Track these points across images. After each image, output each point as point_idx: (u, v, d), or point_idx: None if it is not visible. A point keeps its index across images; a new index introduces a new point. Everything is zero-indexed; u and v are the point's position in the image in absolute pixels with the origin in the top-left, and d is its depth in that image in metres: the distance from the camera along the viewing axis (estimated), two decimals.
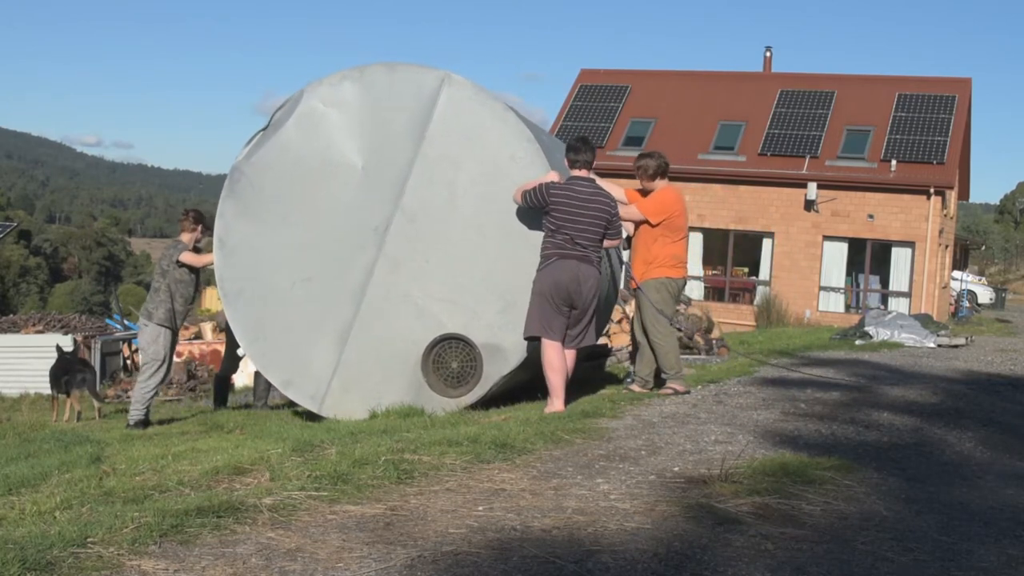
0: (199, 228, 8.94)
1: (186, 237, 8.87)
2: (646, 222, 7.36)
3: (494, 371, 7.11)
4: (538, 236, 6.89)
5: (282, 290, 7.52)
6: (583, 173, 6.80)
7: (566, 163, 6.92)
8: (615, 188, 7.75)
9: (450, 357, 7.18)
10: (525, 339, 6.84)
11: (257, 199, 7.67)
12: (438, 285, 7.20)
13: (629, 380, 7.99)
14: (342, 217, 7.43)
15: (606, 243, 6.85)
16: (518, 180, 7.06)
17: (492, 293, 7.12)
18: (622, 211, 7.19)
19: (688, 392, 7.29)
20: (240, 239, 7.68)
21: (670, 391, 7.23)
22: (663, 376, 7.43)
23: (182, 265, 8.76)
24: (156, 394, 9.27)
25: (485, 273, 7.15)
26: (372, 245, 7.34)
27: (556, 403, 6.57)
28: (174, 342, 9.03)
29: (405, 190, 7.32)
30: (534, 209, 6.77)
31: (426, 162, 7.33)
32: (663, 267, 7.35)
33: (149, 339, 8.79)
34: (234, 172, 7.79)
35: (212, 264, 8.00)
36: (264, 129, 7.78)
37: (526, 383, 7.84)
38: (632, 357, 8.06)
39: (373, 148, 7.45)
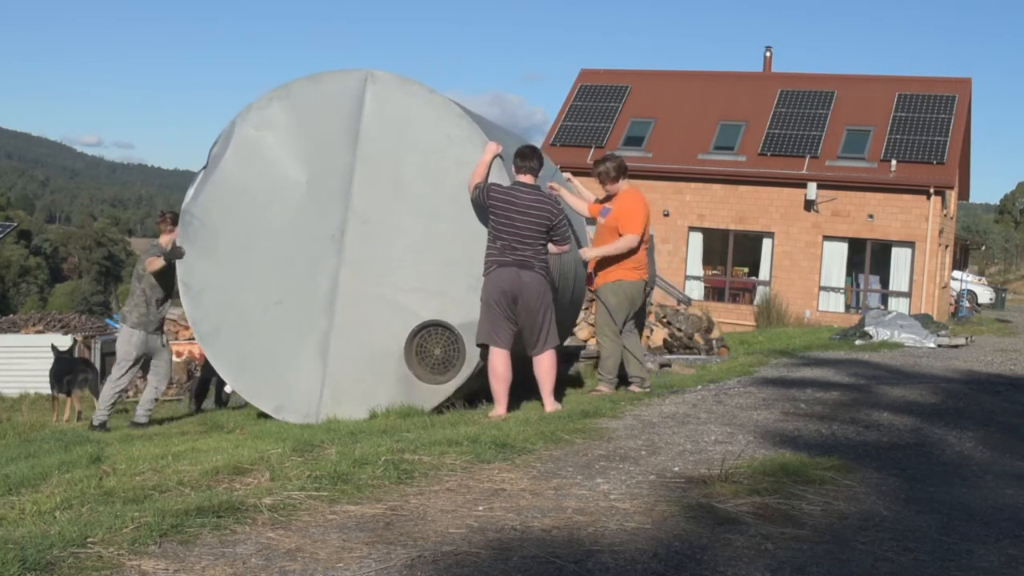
0: (176, 230, 8.84)
1: (164, 240, 8.70)
2: (639, 240, 7.42)
3: (477, 350, 7.13)
4: None
5: (256, 319, 7.53)
6: (527, 179, 6.86)
7: (512, 169, 6.97)
8: (578, 201, 7.87)
9: (432, 344, 7.21)
10: (477, 346, 6.90)
11: (212, 237, 7.70)
12: (404, 277, 7.25)
13: (627, 382, 8.01)
14: (298, 234, 7.48)
15: (553, 248, 6.87)
16: (460, 157, 7.17)
17: (458, 273, 7.16)
18: (620, 244, 7.31)
19: (613, 393, 7.40)
20: (204, 280, 7.70)
21: (598, 392, 7.46)
22: (597, 376, 7.53)
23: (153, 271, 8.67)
24: (120, 397, 9.20)
25: (447, 255, 7.20)
26: (332, 254, 7.38)
27: (498, 409, 6.69)
28: (155, 344, 8.94)
29: (352, 193, 7.38)
30: (479, 208, 6.88)
31: (366, 161, 7.39)
32: (621, 269, 7.45)
33: (122, 340, 8.91)
34: (184, 216, 7.82)
35: (177, 257, 7.82)
36: (205, 167, 7.79)
37: (519, 380, 7.84)
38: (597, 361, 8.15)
39: (313, 160, 7.51)
